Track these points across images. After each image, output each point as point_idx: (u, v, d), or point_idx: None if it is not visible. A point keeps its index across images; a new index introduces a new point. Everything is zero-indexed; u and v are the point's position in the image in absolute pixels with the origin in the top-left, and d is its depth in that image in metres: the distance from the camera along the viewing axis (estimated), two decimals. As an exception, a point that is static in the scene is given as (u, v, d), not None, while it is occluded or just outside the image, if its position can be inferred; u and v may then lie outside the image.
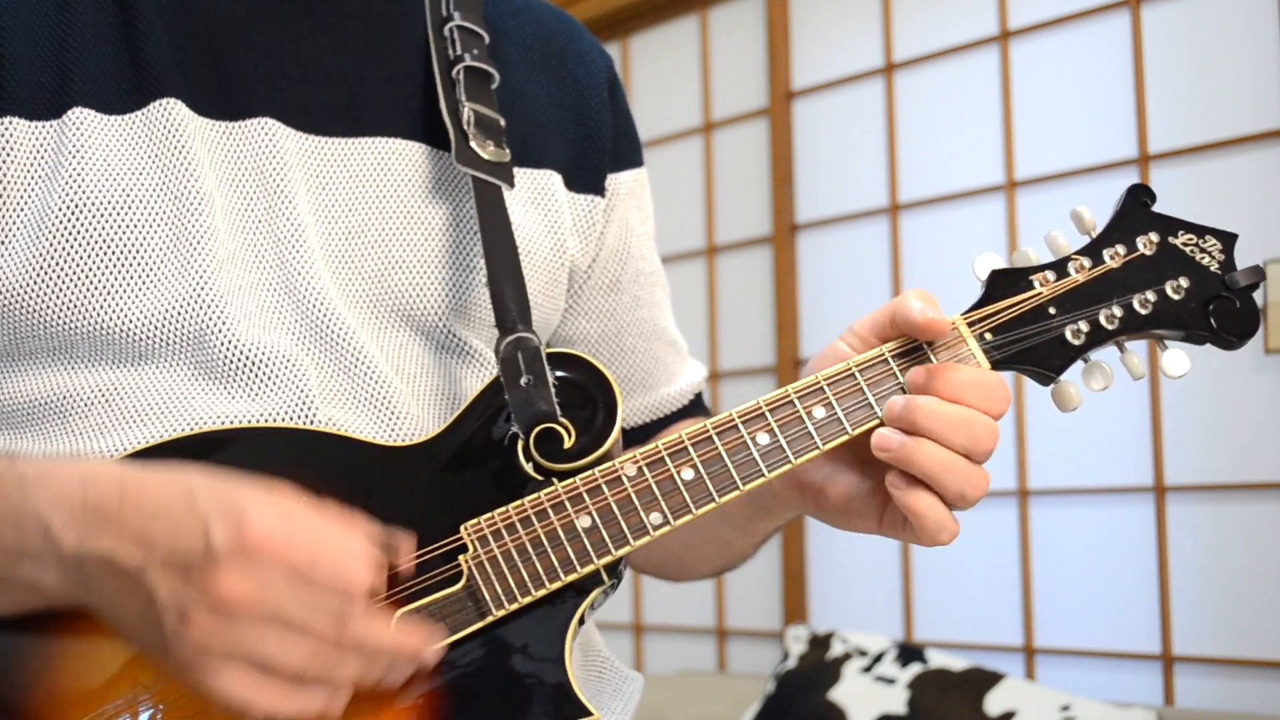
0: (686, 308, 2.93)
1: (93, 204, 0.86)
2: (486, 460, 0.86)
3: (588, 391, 0.87)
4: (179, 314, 0.87)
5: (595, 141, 1.07)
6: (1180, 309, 0.86)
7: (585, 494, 0.84)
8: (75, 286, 0.86)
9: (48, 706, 0.81)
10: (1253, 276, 0.86)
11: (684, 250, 3.02)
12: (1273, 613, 2.11)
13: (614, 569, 0.86)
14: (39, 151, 0.87)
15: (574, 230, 1.05)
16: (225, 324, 0.87)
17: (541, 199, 1.03)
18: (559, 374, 0.88)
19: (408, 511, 0.80)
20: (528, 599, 0.83)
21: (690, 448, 0.84)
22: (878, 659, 2.32)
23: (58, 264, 0.85)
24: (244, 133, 0.93)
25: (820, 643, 2.43)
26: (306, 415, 0.87)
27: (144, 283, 0.87)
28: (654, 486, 0.84)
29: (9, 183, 0.87)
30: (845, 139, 2.73)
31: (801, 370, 2.76)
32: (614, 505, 0.84)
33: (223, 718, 0.80)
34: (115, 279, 0.86)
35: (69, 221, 0.86)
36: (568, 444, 0.86)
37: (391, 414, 0.91)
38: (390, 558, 0.81)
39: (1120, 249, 0.87)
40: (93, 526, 0.74)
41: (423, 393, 0.95)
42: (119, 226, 0.87)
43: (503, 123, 1.00)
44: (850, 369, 0.85)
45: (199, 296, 0.87)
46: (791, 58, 2.83)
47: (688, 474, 0.84)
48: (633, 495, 0.84)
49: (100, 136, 0.88)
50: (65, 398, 0.87)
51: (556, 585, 0.83)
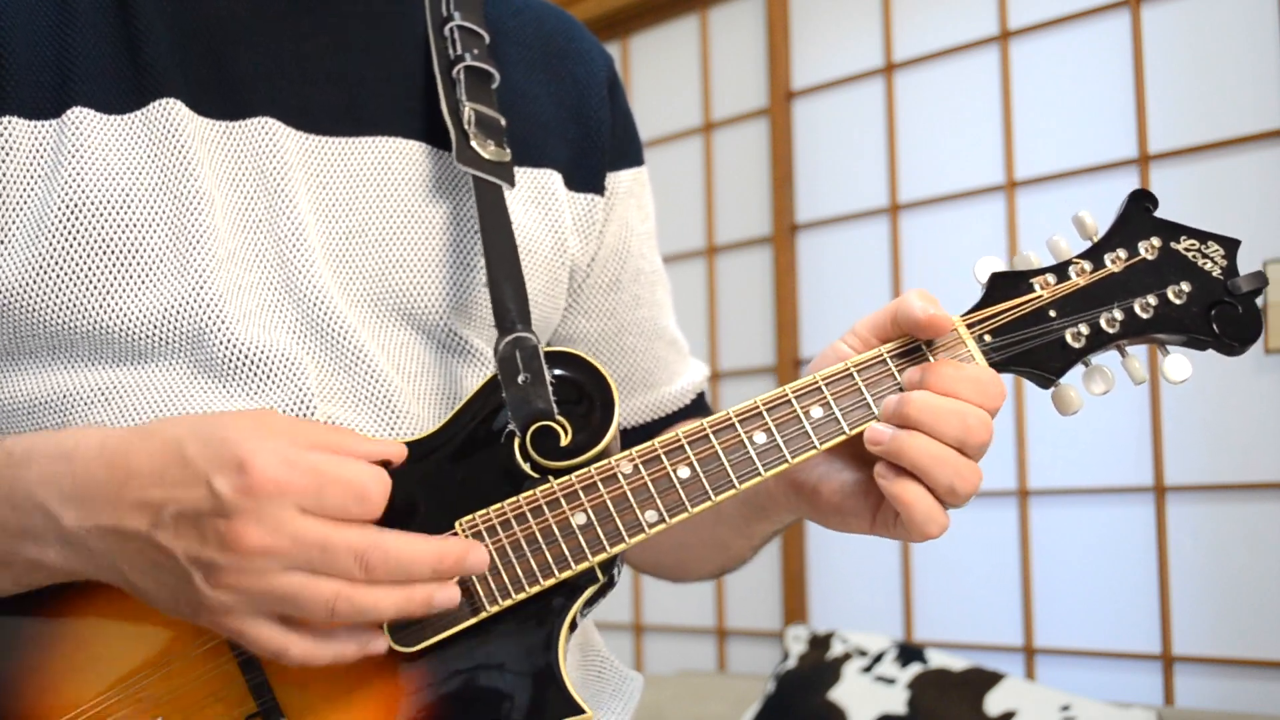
0: (686, 308, 2.93)
1: (92, 203, 0.86)
2: (483, 457, 0.86)
3: (585, 390, 0.87)
4: (178, 313, 0.87)
5: (595, 140, 1.07)
6: (1182, 313, 0.86)
7: (580, 491, 0.84)
8: (74, 286, 0.86)
9: (44, 697, 0.81)
10: (1256, 282, 0.86)
11: (684, 250, 3.02)
12: (1273, 613, 2.11)
13: (609, 567, 0.86)
14: (38, 151, 0.87)
15: (574, 229, 1.05)
16: (224, 323, 0.88)
17: (542, 198, 1.03)
18: (556, 372, 0.88)
19: (403, 507, 0.80)
20: (521, 595, 0.83)
21: (686, 446, 0.84)
22: (878, 659, 2.32)
23: (57, 263, 0.86)
24: (244, 132, 0.93)
25: (820, 643, 2.43)
26: (305, 413, 0.87)
27: (143, 282, 0.87)
28: (650, 484, 0.84)
29: (8, 182, 0.87)
30: (845, 139, 2.73)
31: (802, 370, 2.77)
32: (609, 503, 0.84)
33: (220, 709, 0.81)
34: (114, 278, 0.87)
35: (68, 221, 0.86)
36: (564, 442, 0.85)
37: (392, 412, 0.91)
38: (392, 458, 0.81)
39: (1122, 253, 0.87)
40: (88, 502, 0.75)
41: (423, 391, 0.95)
42: (118, 226, 0.87)
43: (503, 122, 1.00)
44: (848, 369, 0.85)
45: (198, 295, 0.88)
46: (791, 58, 2.83)
47: (684, 472, 0.84)
48: (628, 493, 0.84)
49: (100, 136, 0.88)
50: (65, 397, 0.87)
51: (551, 582, 0.83)
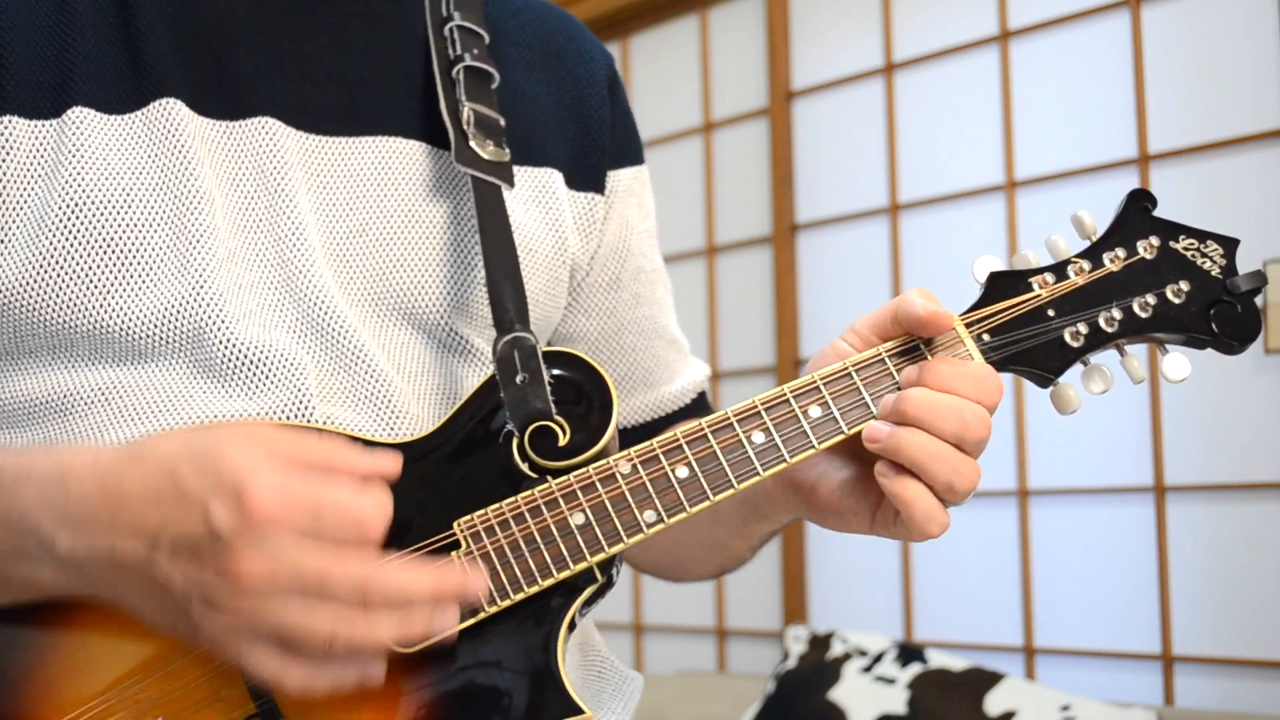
0: (686, 308, 2.93)
1: (92, 203, 0.86)
2: (481, 457, 0.86)
3: (583, 390, 0.87)
4: (178, 312, 0.87)
5: (595, 139, 1.07)
6: (1180, 313, 0.86)
7: (579, 490, 0.84)
8: (75, 285, 0.86)
9: (44, 698, 0.81)
10: (1255, 281, 0.86)
11: (684, 250, 3.02)
12: (1273, 613, 2.11)
13: (607, 567, 0.86)
14: (38, 151, 0.87)
15: (575, 228, 1.05)
16: (224, 322, 0.88)
17: (542, 198, 1.03)
18: (555, 372, 0.88)
19: (401, 507, 0.80)
20: (520, 595, 0.83)
21: (685, 446, 0.84)
22: (878, 659, 2.32)
23: (57, 263, 0.86)
24: (244, 132, 0.93)
25: (820, 643, 2.43)
26: (304, 413, 0.87)
27: (143, 281, 0.87)
28: (648, 485, 0.84)
29: (8, 182, 0.87)
30: (845, 139, 2.73)
31: (801, 370, 2.76)
32: (607, 502, 0.83)
33: (219, 709, 0.81)
34: (115, 278, 0.87)
35: (68, 221, 0.86)
36: (563, 441, 0.85)
37: (391, 412, 0.91)
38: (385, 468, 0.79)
39: (1120, 252, 0.87)
40: (83, 526, 0.74)
41: (423, 391, 0.95)
42: (118, 226, 0.87)
43: (502, 122, 1.00)
44: (847, 368, 0.85)
45: (198, 295, 0.88)
46: (791, 58, 2.83)
47: (682, 472, 0.84)
48: (626, 493, 0.84)
49: (100, 136, 0.88)
50: (65, 396, 0.88)
51: (549, 582, 0.83)
